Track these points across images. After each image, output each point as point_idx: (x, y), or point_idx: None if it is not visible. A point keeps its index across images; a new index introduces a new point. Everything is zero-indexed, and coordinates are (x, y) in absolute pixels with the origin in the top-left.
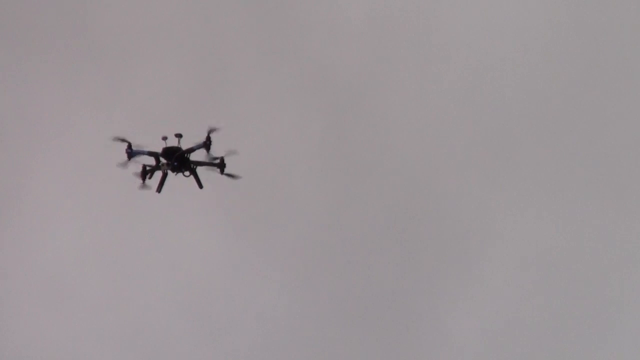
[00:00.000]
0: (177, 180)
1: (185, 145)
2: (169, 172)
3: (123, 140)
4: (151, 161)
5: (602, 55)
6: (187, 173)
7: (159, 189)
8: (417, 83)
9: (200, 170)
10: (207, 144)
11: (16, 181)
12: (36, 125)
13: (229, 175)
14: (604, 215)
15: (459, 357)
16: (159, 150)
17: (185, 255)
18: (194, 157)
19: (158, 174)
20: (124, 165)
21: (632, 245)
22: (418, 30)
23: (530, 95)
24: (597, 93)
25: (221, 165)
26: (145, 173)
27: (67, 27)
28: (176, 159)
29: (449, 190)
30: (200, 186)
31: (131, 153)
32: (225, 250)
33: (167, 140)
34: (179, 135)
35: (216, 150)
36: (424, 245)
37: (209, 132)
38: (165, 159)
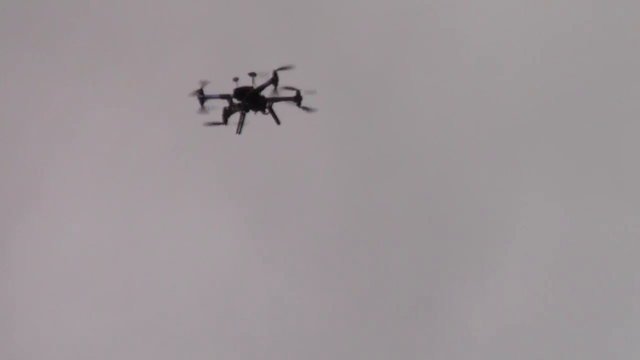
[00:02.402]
0: (183, 178)
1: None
2: (247, 111)
3: (198, 91)
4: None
5: (624, 47)
6: (266, 110)
7: (239, 130)
8: (437, 77)
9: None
10: (274, 80)
11: (34, 178)
12: (53, 121)
13: (305, 108)
14: (626, 210)
15: (477, 351)
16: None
17: (201, 248)
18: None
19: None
20: (199, 111)
21: None
22: (440, 23)
23: (552, 90)
24: (619, 87)
25: (298, 99)
26: (226, 115)
27: (83, 23)
28: (247, 99)
29: (468, 185)
30: (278, 122)
31: (203, 98)
32: (243, 243)
33: (238, 81)
34: (252, 74)
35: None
36: (442, 240)
37: (277, 69)
38: (238, 99)
